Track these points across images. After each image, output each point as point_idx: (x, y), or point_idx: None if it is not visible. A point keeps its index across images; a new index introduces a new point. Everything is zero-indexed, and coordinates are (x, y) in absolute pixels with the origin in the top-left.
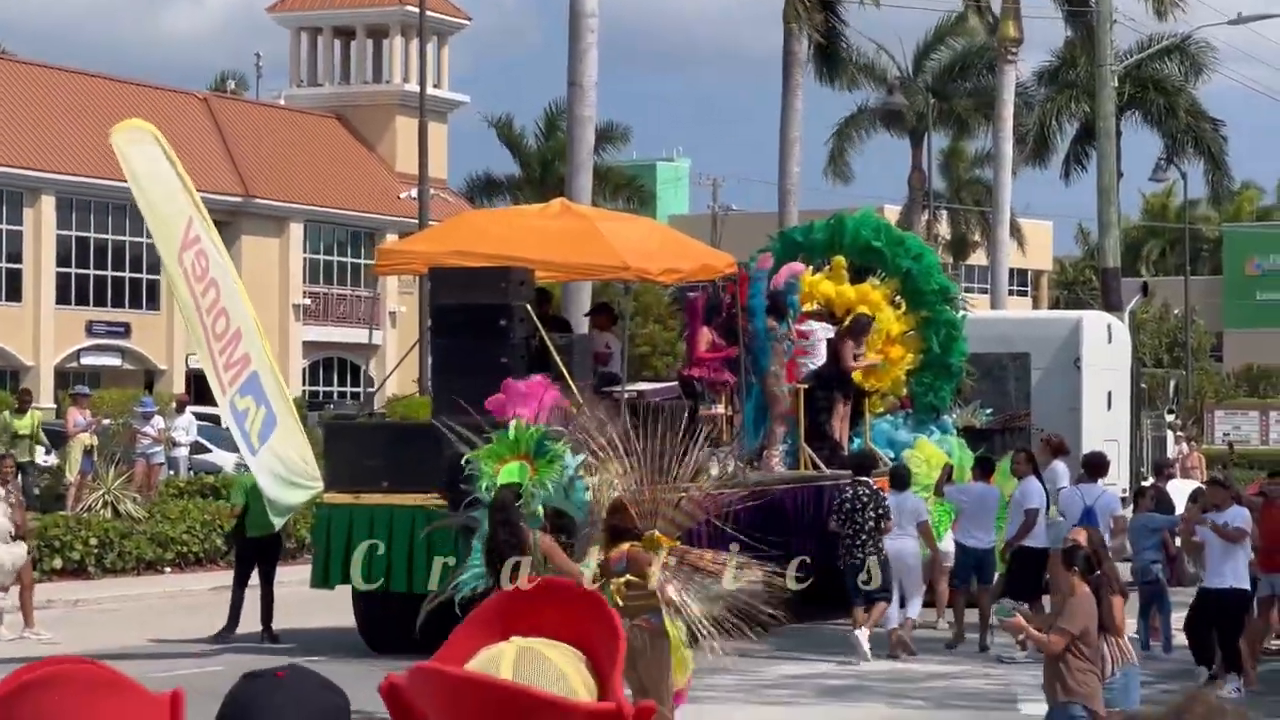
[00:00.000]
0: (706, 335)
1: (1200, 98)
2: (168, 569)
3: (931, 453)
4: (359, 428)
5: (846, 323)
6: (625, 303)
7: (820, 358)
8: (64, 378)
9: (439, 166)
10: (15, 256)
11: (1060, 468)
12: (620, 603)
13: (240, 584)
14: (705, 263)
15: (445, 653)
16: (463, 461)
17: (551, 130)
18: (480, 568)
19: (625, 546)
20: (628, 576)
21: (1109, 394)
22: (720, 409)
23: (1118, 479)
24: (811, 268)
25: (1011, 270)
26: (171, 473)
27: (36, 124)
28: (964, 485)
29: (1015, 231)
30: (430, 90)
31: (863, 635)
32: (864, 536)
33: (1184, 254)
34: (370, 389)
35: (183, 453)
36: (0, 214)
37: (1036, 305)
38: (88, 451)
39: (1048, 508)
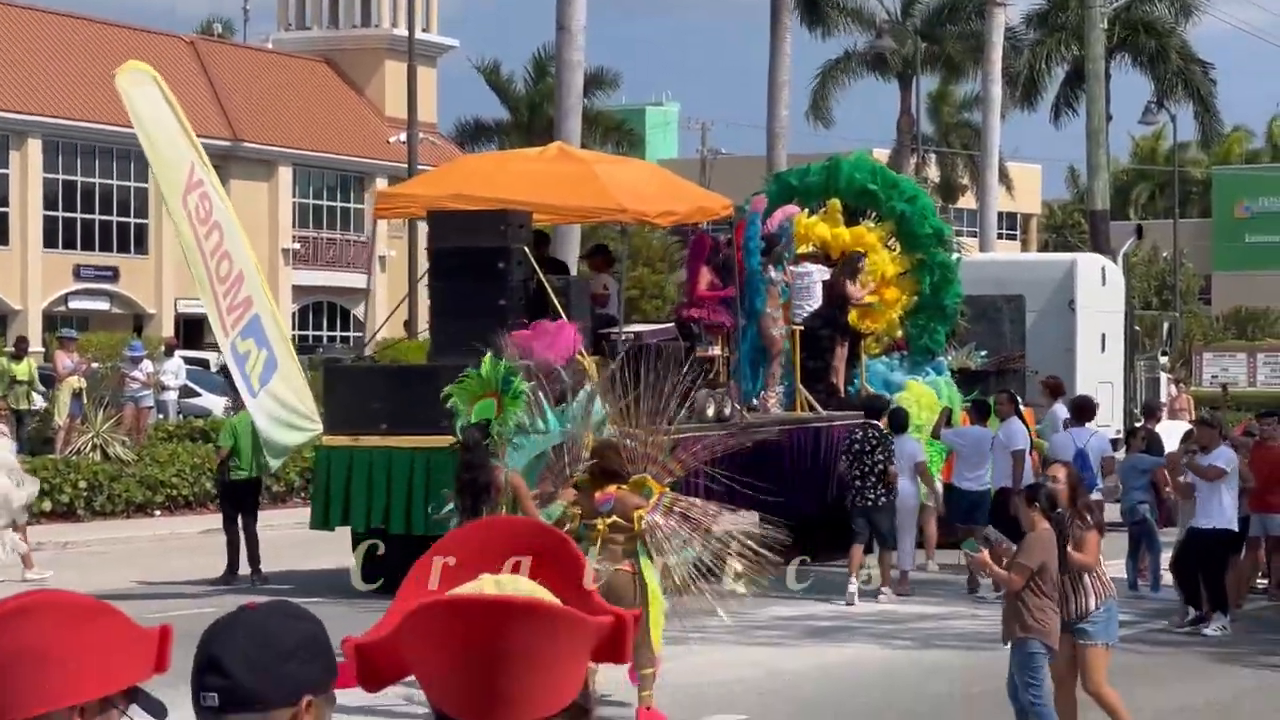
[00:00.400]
0: (705, 276)
1: (1190, 40)
2: (157, 512)
3: (921, 393)
4: (358, 371)
5: (840, 263)
6: (622, 245)
7: (816, 299)
8: (52, 321)
9: (428, 111)
10: (2, 200)
11: (1060, 410)
12: (604, 544)
13: (230, 526)
14: (701, 205)
15: (406, 593)
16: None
17: (540, 75)
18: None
19: (613, 488)
20: (614, 518)
21: (1103, 336)
22: (717, 350)
23: (1111, 421)
24: (807, 210)
25: (1000, 214)
26: (161, 416)
27: (23, 67)
28: (960, 428)
29: (1003, 175)
30: (419, 34)
31: (853, 584)
32: (873, 479)
33: (1173, 197)
34: (359, 333)
35: (171, 396)
36: None
37: (1025, 249)
38: (76, 395)
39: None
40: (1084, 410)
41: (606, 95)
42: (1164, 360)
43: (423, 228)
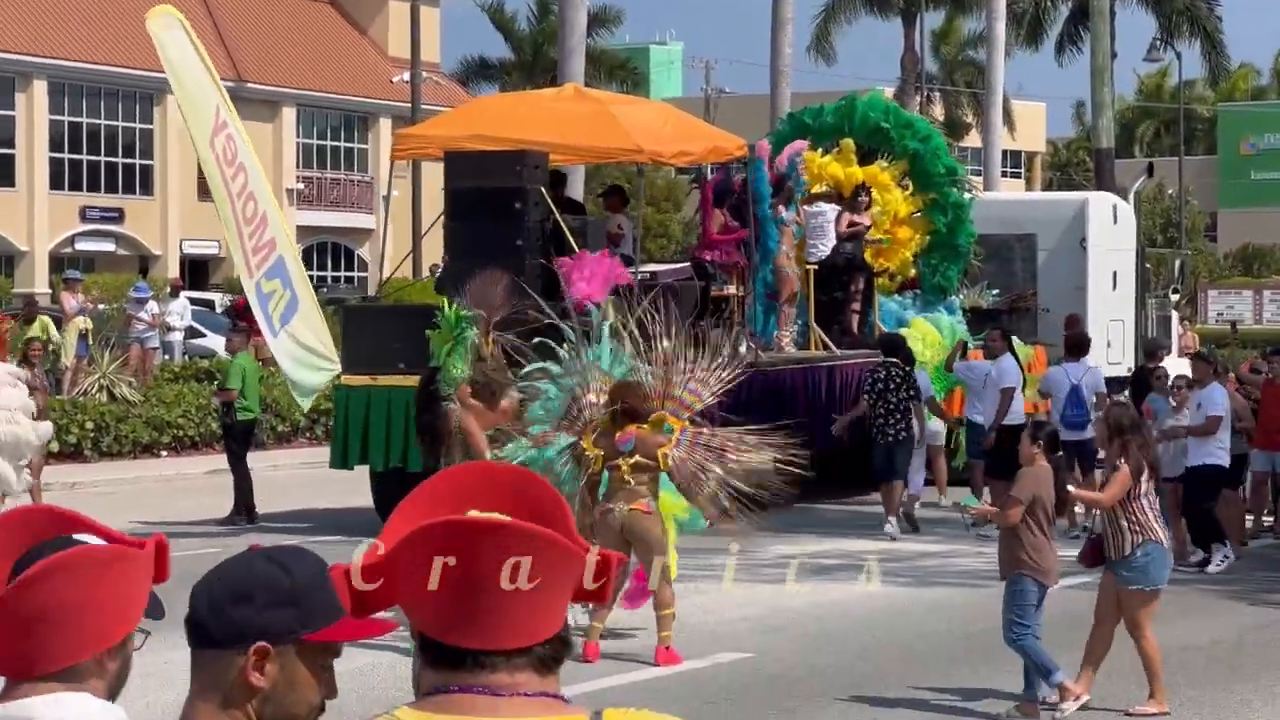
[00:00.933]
0: (719, 217)
1: None
2: (164, 452)
3: (926, 331)
4: (376, 311)
5: (848, 200)
6: (638, 185)
7: (830, 239)
8: (58, 263)
9: (431, 50)
10: (8, 142)
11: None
12: (626, 485)
13: (239, 465)
14: (716, 145)
15: (394, 525)
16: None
17: (544, 13)
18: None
19: (633, 428)
20: (636, 458)
21: (1114, 274)
22: (732, 290)
23: (1122, 359)
24: (821, 149)
25: (1004, 152)
26: (166, 357)
27: (29, 8)
28: (971, 363)
29: (1007, 113)
30: None
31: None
32: (896, 415)
33: (1179, 134)
34: (364, 273)
35: (177, 337)
36: None
37: (1030, 187)
38: (82, 335)
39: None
40: (1079, 346)
41: (610, 33)
42: (1175, 298)
43: (427, 168)
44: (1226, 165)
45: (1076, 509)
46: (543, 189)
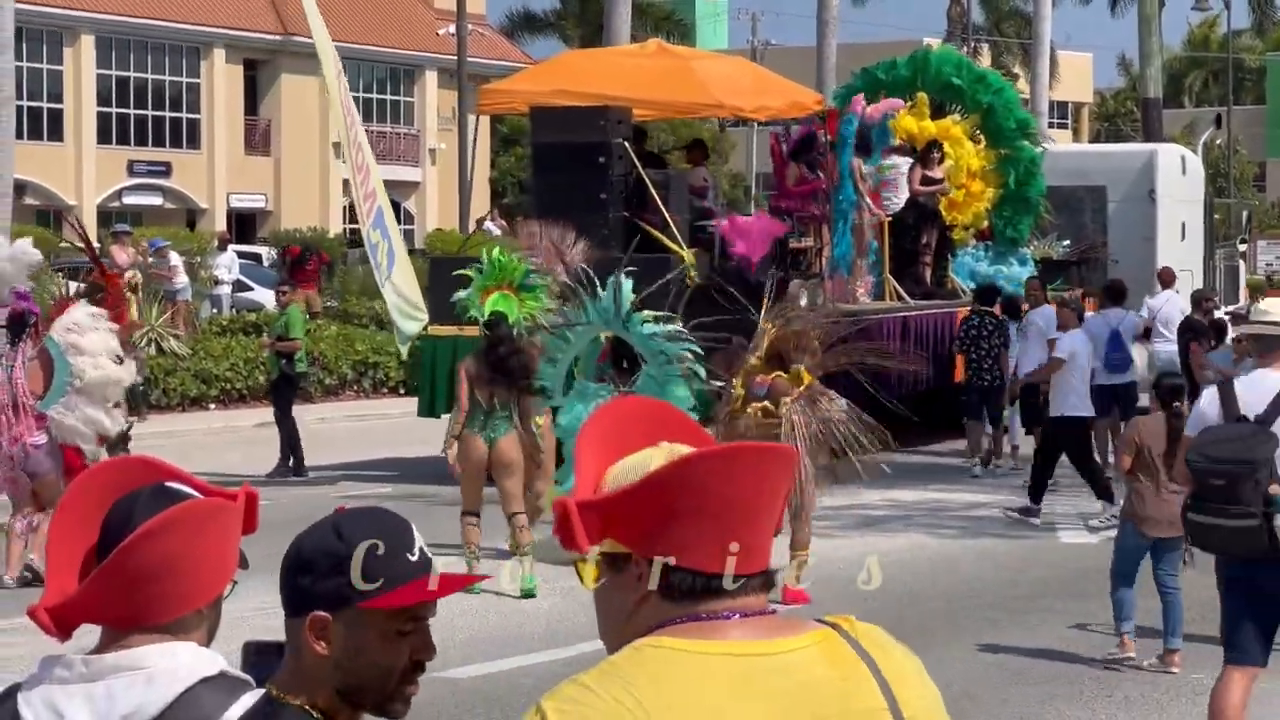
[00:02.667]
0: (794, 170)
1: None
2: (212, 405)
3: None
4: (462, 262)
5: (919, 154)
6: (722, 140)
7: (903, 191)
8: (106, 217)
9: (477, 3)
10: (56, 96)
11: (1173, 297)
12: (757, 427)
13: (288, 417)
14: (795, 99)
15: (584, 469)
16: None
17: None
18: (549, 384)
19: (772, 375)
20: (765, 403)
21: (1182, 225)
22: (809, 241)
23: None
24: None
25: (1051, 103)
26: (215, 310)
27: None
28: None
29: (1053, 64)
30: None
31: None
32: (989, 361)
33: (1227, 84)
34: (409, 225)
35: (225, 290)
36: (41, 54)
37: (1077, 138)
38: (132, 289)
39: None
40: (1118, 293)
41: None
42: (1243, 248)
43: (473, 121)
44: (1275, 115)
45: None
46: (626, 143)
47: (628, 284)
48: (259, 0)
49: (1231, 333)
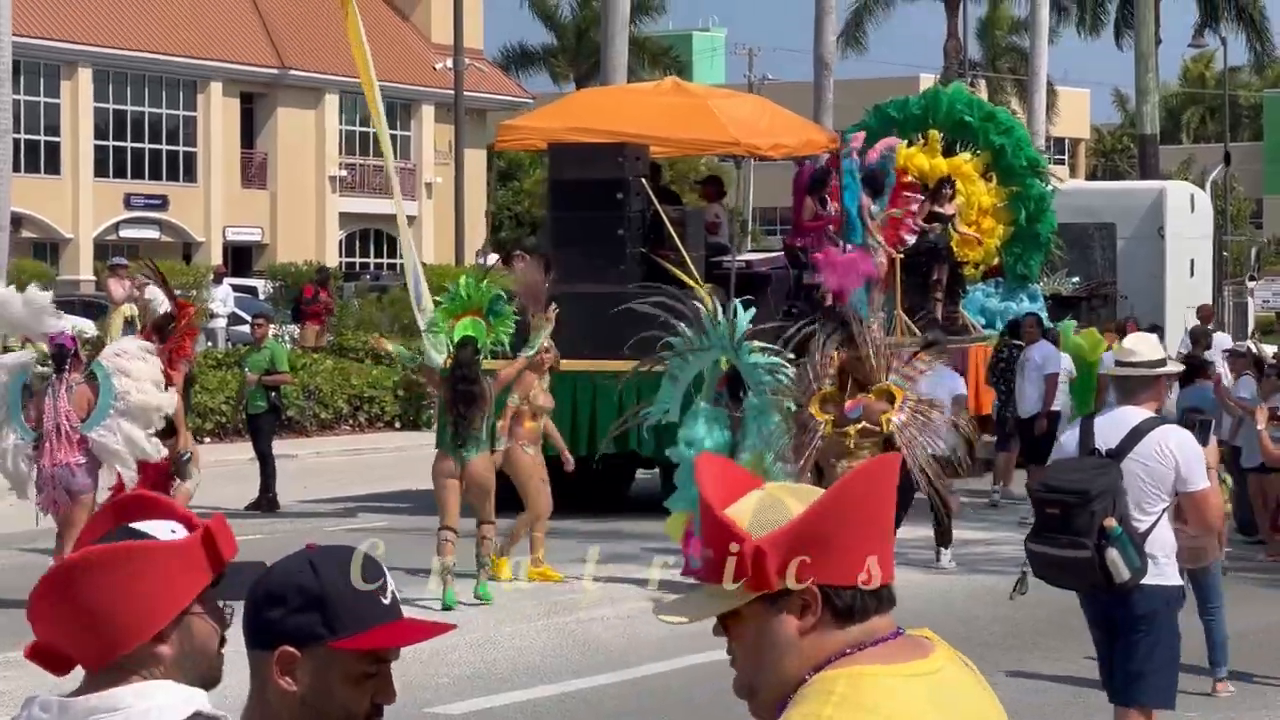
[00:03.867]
0: (810, 206)
1: None
2: (206, 439)
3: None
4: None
5: (931, 191)
6: (738, 177)
7: (914, 228)
8: (103, 250)
9: (474, 37)
10: (53, 129)
11: (1219, 336)
12: (856, 449)
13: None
14: (810, 138)
15: (720, 508)
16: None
17: (586, 0)
18: (667, 403)
19: (861, 396)
20: (863, 424)
21: (1191, 262)
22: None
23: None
24: (906, 141)
25: (1049, 138)
26: (210, 344)
27: None
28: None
29: (1050, 100)
30: None
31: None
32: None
33: (1224, 121)
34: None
35: (220, 324)
36: (38, 87)
37: (1074, 174)
38: (128, 321)
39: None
40: (1122, 332)
41: (652, 20)
42: (1251, 285)
43: (469, 155)
44: (1272, 151)
45: None
46: (643, 180)
47: (745, 314)
48: (256, 34)
49: (1225, 368)
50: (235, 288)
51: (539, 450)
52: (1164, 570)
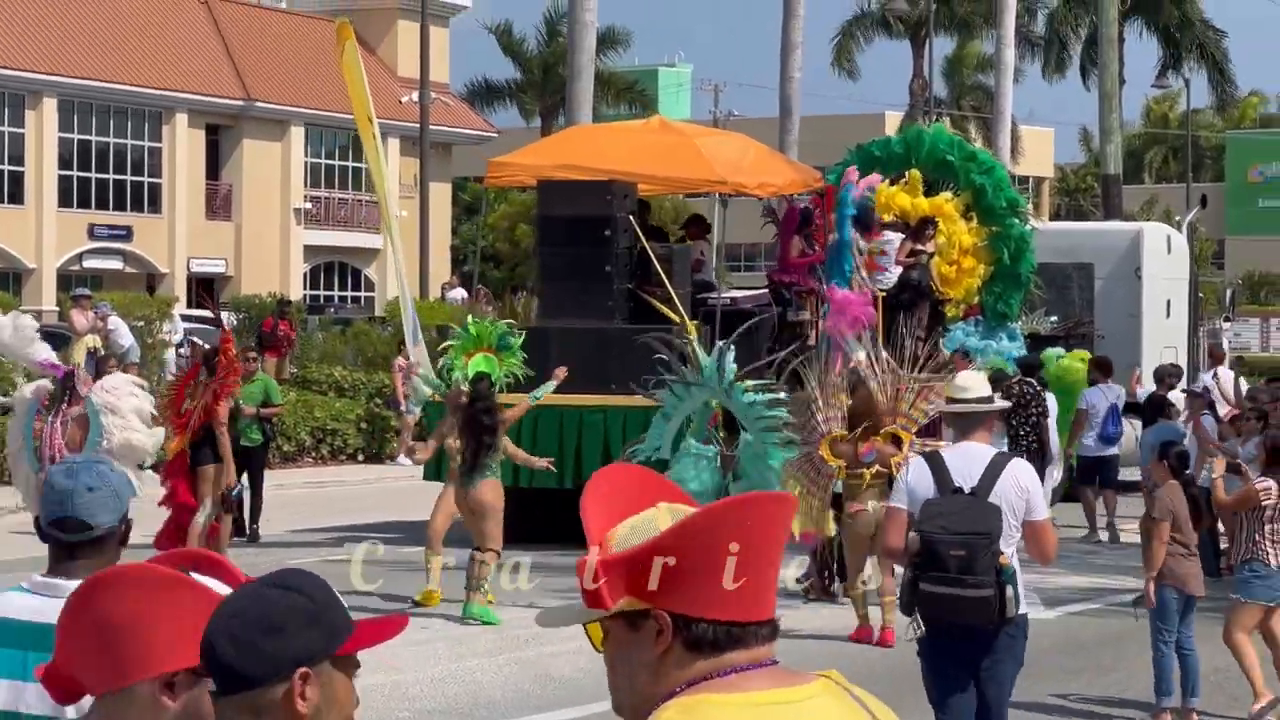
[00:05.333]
0: (797, 244)
1: (1203, 4)
2: None
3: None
4: None
5: (913, 229)
6: (723, 215)
7: (896, 267)
8: (66, 280)
9: (440, 71)
10: (17, 159)
11: (1224, 373)
12: (869, 488)
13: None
14: (794, 177)
15: (596, 524)
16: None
17: (553, 35)
18: (658, 441)
19: (874, 440)
20: (876, 467)
21: (1168, 302)
22: (806, 315)
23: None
24: (887, 180)
25: (1013, 177)
26: (167, 375)
27: (38, 27)
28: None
29: (1014, 139)
30: None
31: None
32: (1026, 428)
33: (1186, 161)
34: (370, 292)
35: (172, 354)
36: (2, 116)
37: (1037, 212)
38: (91, 352)
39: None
40: (1109, 368)
41: (618, 55)
42: (1227, 326)
43: (434, 189)
44: (1234, 192)
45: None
46: (631, 217)
47: (730, 355)
48: (222, 66)
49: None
50: (199, 320)
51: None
52: (1024, 599)
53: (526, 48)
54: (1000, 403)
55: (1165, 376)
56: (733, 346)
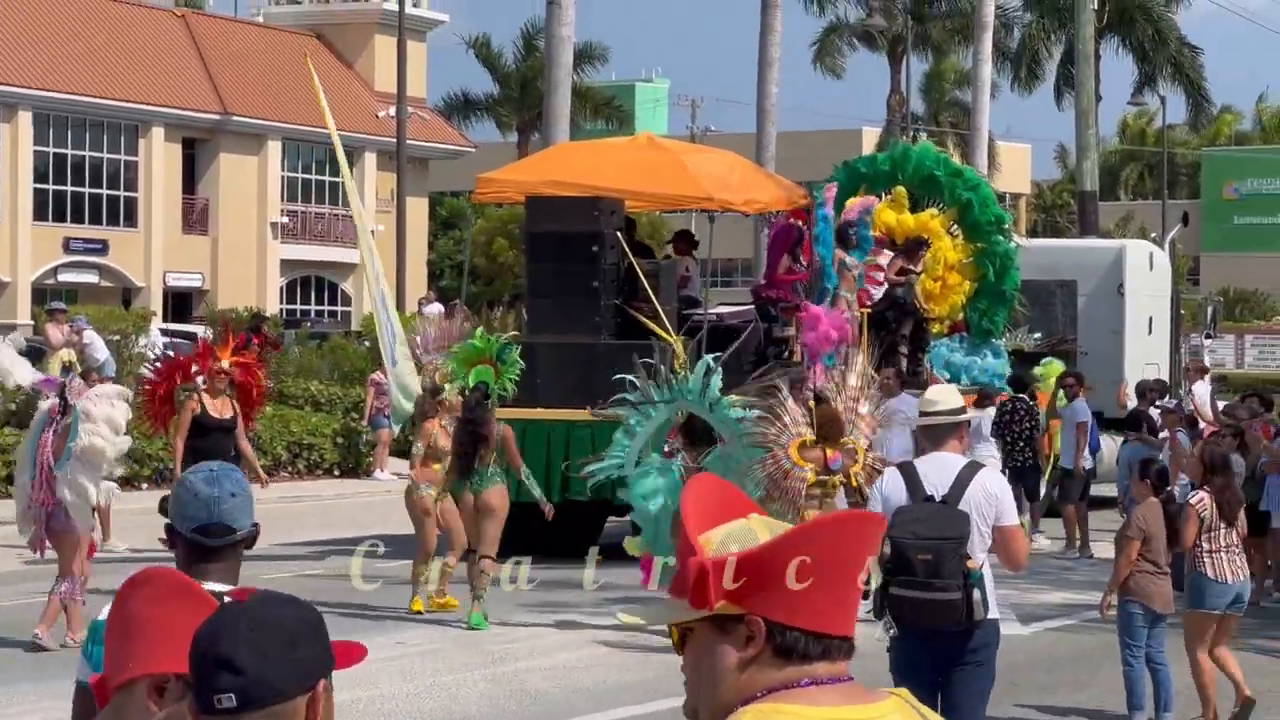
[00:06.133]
0: (785, 260)
1: (1178, 21)
2: (144, 485)
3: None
4: None
5: (902, 246)
6: (710, 231)
7: (882, 284)
8: (41, 294)
9: (418, 85)
10: None
11: (1201, 388)
12: (829, 495)
13: None
14: (780, 194)
15: (689, 535)
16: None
17: (530, 49)
18: (618, 459)
19: (837, 449)
20: (839, 475)
21: (1150, 319)
22: (791, 331)
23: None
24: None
25: None
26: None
27: (14, 40)
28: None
29: (991, 155)
30: (409, 9)
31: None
32: (1021, 443)
33: (1162, 178)
34: (347, 307)
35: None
36: None
37: (1014, 228)
38: (67, 366)
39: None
40: (1081, 381)
41: (595, 70)
42: (1208, 343)
43: (411, 203)
44: (1209, 209)
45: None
46: (618, 234)
47: (717, 374)
48: (198, 79)
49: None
50: (175, 334)
51: (441, 491)
52: (994, 605)
53: (504, 62)
54: (972, 413)
55: (1147, 391)
56: (719, 361)
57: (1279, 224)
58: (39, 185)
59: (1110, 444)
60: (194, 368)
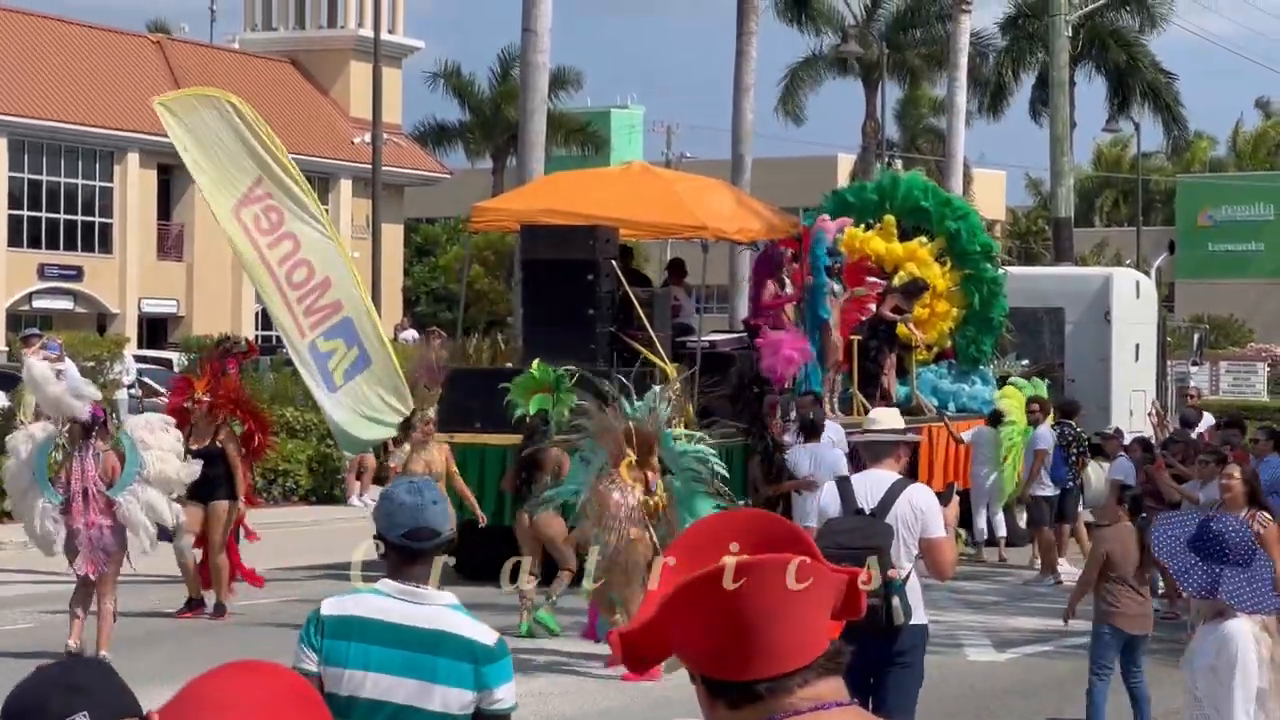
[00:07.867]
0: (770, 287)
1: (1153, 49)
2: None
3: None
4: (455, 372)
5: (903, 282)
6: (704, 260)
7: (869, 311)
8: (16, 321)
9: (393, 111)
10: None
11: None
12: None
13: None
14: (773, 222)
15: (665, 580)
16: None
17: (505, 75)
18: (574, 485)
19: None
20: (657, 497)
21: (1136, 346)
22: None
23: (1145, 426)
24: (863, 225)
25: None
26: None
27: None
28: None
29: (966, 181)
30: (385, 35)
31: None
32: (1064, 469)
33: (1137, 205)
34: None
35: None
36: None
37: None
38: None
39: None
40: (1071, 409)
41: (570, 96)
42: (1194, 369)
43: (386, 230)
44: (1184, 236)
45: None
46: (613, 262)
47: (665, 404)
48: None
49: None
50: (150, 360)
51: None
52: (919, 612)
53: (477, 88)
54: (911, 436)
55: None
56: (667, 392)
57: (1253, 251)
58: (14, 211)
59: (1098, 470)
60: (185, 402)
